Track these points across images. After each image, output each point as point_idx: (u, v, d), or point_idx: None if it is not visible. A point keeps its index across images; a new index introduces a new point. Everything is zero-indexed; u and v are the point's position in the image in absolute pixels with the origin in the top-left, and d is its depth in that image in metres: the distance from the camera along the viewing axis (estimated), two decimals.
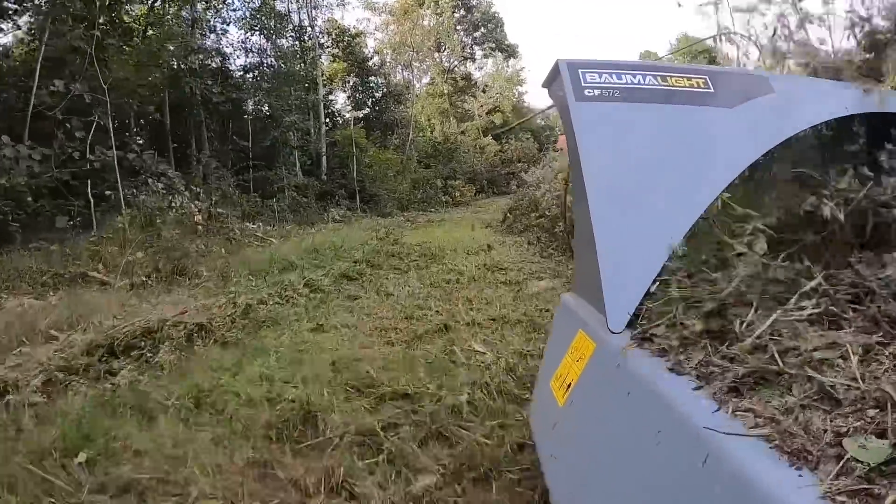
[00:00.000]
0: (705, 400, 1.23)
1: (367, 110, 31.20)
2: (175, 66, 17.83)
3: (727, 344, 1.35)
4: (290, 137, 22.61)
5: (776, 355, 1.21)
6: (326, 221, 19.69)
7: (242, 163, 21.13)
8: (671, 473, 1.23)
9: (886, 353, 1.14)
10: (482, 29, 39.80)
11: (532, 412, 2.58)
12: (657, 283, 1.81)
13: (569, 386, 2.01)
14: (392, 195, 26.11)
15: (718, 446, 1.09)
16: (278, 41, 24.33)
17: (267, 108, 23.15)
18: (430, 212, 25.17)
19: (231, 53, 22.72)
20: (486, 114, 41.29)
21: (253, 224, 16.20)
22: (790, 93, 2.11)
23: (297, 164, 23.78)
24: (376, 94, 31.97)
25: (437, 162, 32.27)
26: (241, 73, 23.17)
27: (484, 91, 42.33)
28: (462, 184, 30.93)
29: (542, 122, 47.09)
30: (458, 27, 38.87)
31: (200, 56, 19.30)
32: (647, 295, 1.81)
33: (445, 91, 38.88)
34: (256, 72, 23.45)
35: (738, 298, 1.47)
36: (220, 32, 22.02)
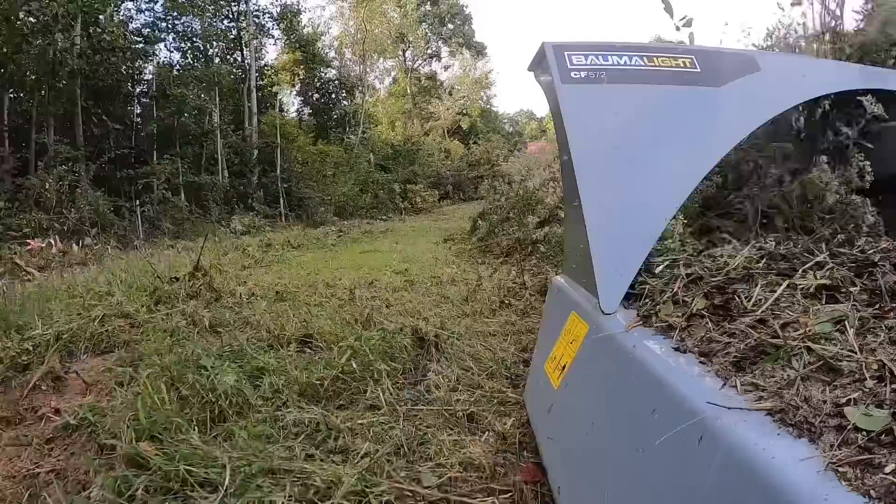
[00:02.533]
0: (707, 376, 1.24)
1: (314, 105, 28.22)
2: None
3: (729, 320, 1.36)
4: (188, 122, 18.22)
5: (778, 329, 1.22)
6: (217, 235, 14.61)
7: (121, 151, 16.17)
8: (671, 450, 1.24)
9: (883, 326, 1.15)
10: (449, 24, 37.94)
11: (527, 395, 2.59)
12: (654, 262, 1.82)
13: (563, 368, 2.02)
14: (328, 199, 21.81)
15: (721, 421, 1.10)
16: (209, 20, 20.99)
17: (148, 85, 17.95)
18: (381, 219, 21.45)
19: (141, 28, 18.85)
20: (454, 115, 38.93)
21: (43, 240, 11.06)
22: (777, 71, 2.12)
23: (221, 161, 19.10)
24: (328, 86, 28.54)
25: (396, 164, 28.94)
26: (140, 41, 18.37)
27: (450, 94, 40.08)
28: (424, 188, 27.55)
29: (511, 129, 45.92)
30: (424, 24, 37.09)
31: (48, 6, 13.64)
32: (650, 273, 1.82)
33: (409, 91, 37.06)
34: (151, 37, 18.83)
35: (742, 274, 1.48)
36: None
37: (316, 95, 28.56)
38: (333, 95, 28.92)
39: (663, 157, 2.02)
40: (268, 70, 24.68)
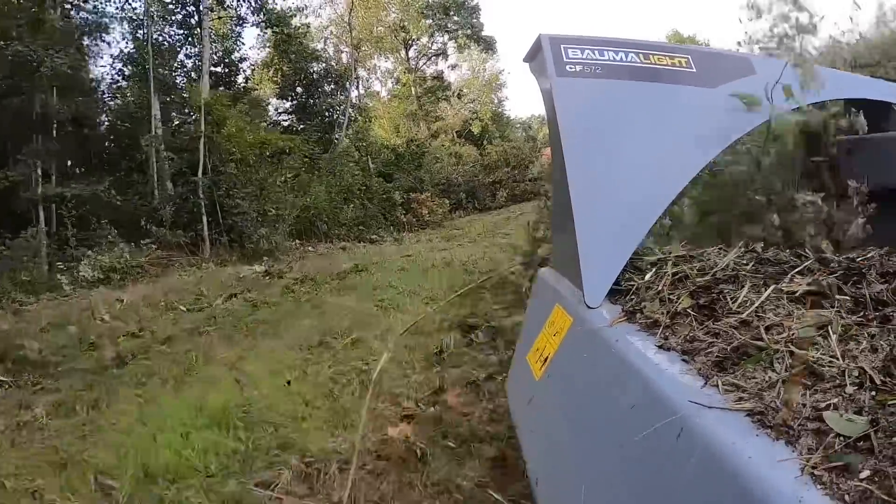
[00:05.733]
0: (689, 374, 1.25)
1: (298, 102, 24.45)
2: None
3: (713, 320, 1.37)
4: (52, 105, 12.65)
5: (762, 331, 1.23)
6: (35, 292, 9.50)
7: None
8: (649, 447, 1.24)
9: (866, 333, 1.17)
10: (455, 16, 35.01)
11: (509, 386, 2.60)
12: (641, 258, 1.83)
13: (546, 360, 2.03)
14: (282, 214, 15.59)
15: (700, 420, 1.11)
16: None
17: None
18: (367, 240, 16.76)
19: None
20: (463, 119, 35.63)
21: None
22: (772, 75, 2.13)
23: (155, 167, 14.02)
24: (313, 77, 24.48)
25: (399, 170, 24.39)
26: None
27: (459, 97, 37.05)
28: (430, 197, 22.90)
29: (524, 134, 44.55)
30: (428, 20, 34.49)
31: None
32: (636, 270, 1.83)
33: (413, 92, 34.53)
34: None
35: (729, 276, 1.49)
36: None
37: (299, 90, 24.94)
38: (319, 89, 25.29)
39: (654, 154, 2.03)
40: (239, 62, 21.75)
